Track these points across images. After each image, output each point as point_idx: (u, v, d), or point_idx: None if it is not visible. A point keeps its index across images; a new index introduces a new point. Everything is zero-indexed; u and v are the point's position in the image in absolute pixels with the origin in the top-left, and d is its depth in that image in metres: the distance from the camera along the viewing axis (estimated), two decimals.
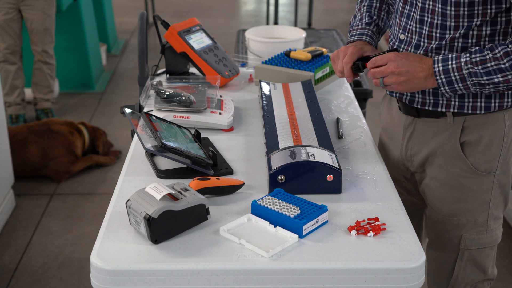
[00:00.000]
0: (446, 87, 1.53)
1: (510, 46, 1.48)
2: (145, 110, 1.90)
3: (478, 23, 1.53)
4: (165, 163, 1.63)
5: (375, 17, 1.83)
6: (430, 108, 1.65)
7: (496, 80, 1.49)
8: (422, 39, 1.61)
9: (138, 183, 1.52)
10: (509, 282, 2.90)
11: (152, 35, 6.33)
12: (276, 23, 5.16)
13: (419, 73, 1.54)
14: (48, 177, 3.83)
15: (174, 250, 1.29)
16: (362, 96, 3.01)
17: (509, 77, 1.48)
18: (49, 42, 4.52)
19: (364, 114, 3.03)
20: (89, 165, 3.95)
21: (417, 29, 1.61)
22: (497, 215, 1.72)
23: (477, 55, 1.50)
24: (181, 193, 1.35)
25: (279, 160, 1.52)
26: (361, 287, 1.25)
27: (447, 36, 1.57)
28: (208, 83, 2.05)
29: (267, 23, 5.75)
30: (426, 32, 1.60)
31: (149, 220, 1.27)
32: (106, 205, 1.52)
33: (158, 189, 1.33)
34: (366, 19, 1.84)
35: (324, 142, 1.64)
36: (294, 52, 2.25)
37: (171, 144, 1.57)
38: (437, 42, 1.58)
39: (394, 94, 1.73)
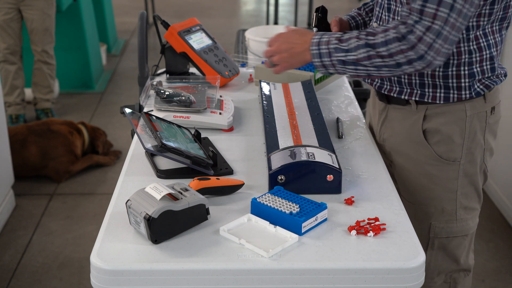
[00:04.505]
0: (316, 59, 1.58)
1: (376, 28, 1.53)
2: (145, 110, 1.90)
3: None
4: (165, 163, 1.63)
5: (372, 2, 1.95)
6: (395, 95, 1.70)
7: (352, 57, 1.52)
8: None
9: (138, 183, 1.52)
10: (509, 282, 2.90)
11: (152, 35, 6.33)
12: (276, 23, 5.16)
13: (298, 48, 1.62)
14: (48, 177, 3.84)
15: (174, 250, 1.29)
16: (362, 96, 3.01)
17: (361, 56, 1.51)
18: (49, 42, 4.52)
19: (364, 114, 3.03)
20: (89, 165, 3.95)
21: (386, 17, 1.68)
22: (468, 206, 1.74)
23: (348, 32, 1.57)
24: (181, 193, 1.35)
25: (279, 160, 1.52)
26: (361, 287, 1.25)
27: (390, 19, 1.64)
28: (208, 83, 2.05)
29: (267, 23, 5.76)
30: (382, 16, 1.67)
31: (149, 220, 1.27)
32: (106, 205, 1.52)
33: (158, 189, 1.33)
34: (361, 4, 2.00)
35: (324, 142, 1.64)
36: None
37: (171, 144, 1.57)
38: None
39: (366, 80, 1.78)
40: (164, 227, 1.29)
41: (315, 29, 1.88)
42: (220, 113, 1.87)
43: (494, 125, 1.72)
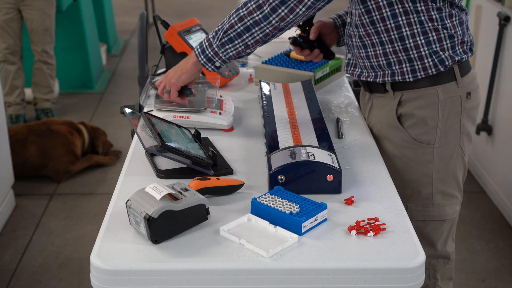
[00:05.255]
0: (201, 56, 1.74)
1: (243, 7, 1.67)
2: (145, 110, 1.90)
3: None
4: (165, 163, 1.63)
5: None
6: (372, 80, 1.77)
7: (224, 27, 1.68)
8: (354, 17, 1.74)
9: (138, 183, 1.52)
10: (509, 282, 2.90)
11: (152, 35, 6.33)
12: None
13: (183, 65, 1.79)
14: (48, 177, 3.84)
15: (174, 250, 1.29)
16: None
17: (233, 20, 1.67)
18: (49, 42, 4.52)
19: None
20: (89, 165, 3.95)
21: (355, 11, 1.73)
22: (446, 191, 1.78)
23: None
24: (181, 193, 1.35)
25: (279, 160, 1.52)
26: (361, 287, 1.25)
27: (353, 11, 1.73)
28: (208, 83, 2.05)
29: None
30: (351, 10, 1.75)
31: (149, 220, 1.27)
32: (106, 205, 1.52)
33: (158, 189, 1.33)
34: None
35: (324, 142, 1.64)
36: (294, 52, 2.25)
37: (171, 144, 1.57)
38: (358, 19, 1.71)
39: (348, 70, 1.85)
40: (164, 227, 1.29)
41: (297, 29, 1.96)
42: (220, 113, 1.87)
43: (472, 111, 1.77)
